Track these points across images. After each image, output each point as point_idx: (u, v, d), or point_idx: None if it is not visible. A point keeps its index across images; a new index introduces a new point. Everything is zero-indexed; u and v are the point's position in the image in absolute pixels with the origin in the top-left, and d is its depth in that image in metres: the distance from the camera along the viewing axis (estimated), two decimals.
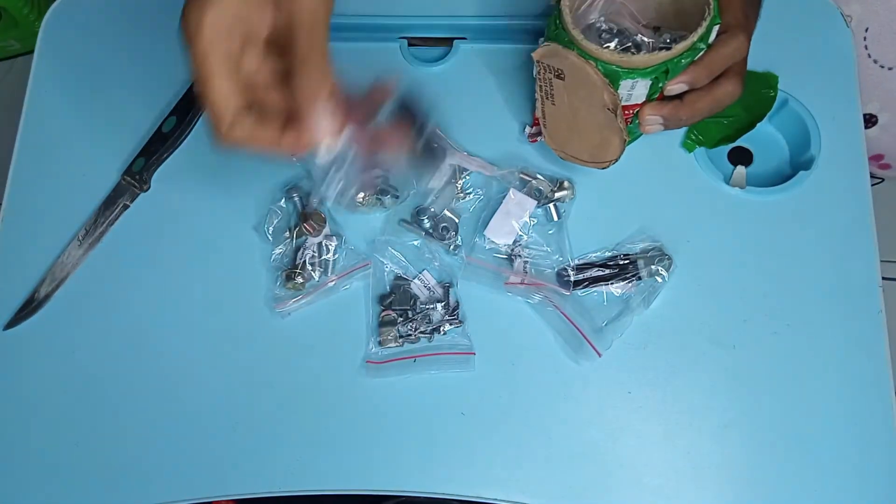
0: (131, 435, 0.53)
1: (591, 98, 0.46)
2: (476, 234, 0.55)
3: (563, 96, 0.49)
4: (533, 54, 0.47)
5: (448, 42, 0.62)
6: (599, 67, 0.44)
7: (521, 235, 0.55)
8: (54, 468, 0.52)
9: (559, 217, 0.55)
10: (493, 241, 0.54)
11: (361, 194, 0.54)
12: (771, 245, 0.55)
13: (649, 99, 0.47)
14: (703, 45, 0.44)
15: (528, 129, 0.58)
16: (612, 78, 0.45)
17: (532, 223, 0.55)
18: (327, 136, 0.39)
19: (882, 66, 0.67)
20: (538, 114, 0.52)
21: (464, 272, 0.55)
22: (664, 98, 0.47)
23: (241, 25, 0.38)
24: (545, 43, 0.46)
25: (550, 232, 0.55)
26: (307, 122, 0.39)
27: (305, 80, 0.39)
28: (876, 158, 0.76)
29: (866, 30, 0.66)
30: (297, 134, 0.39)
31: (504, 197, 0.55)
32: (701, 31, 0.43)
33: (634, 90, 0.46)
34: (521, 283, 0.53)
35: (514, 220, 0.54)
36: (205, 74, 0.37)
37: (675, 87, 0.46)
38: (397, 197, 0.56)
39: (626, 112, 0.47)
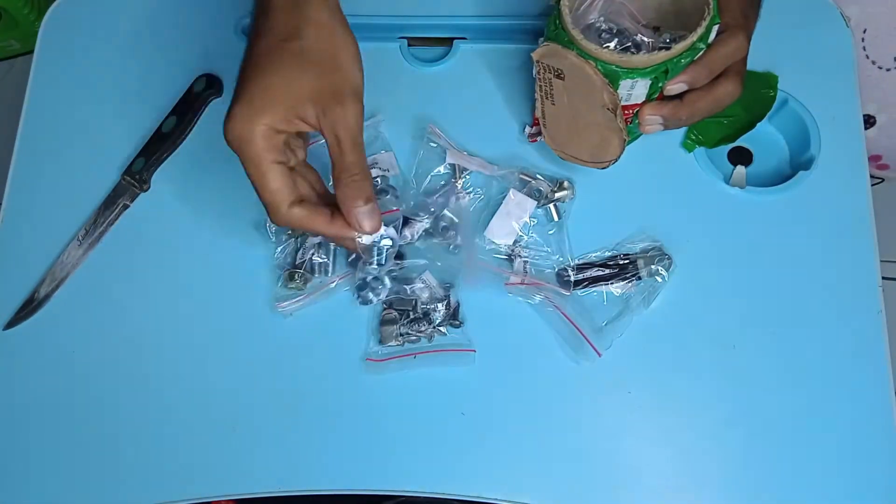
0: (131, 435, 0.53)
1: (591, 98, 0.46)
2: (476, 234, 0.55)
3: (562, 96, 0.49)
4: (533, 54, 0.47)
5: (448, 42, 0.62)
6: (599, 67, 0.44)
7: (521, 236, 0.55)
8: (54, 468, 0.52)
9: (559, 217, 0.55)
10: (493, 242, 0.54)
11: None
12: (771, 245, 0.55)
13: (649, 99, 0.47)
14: (702, 45, 0.45)
15: (528, 129, 0.58)
16: (612, 78, 0.45)
17: (532, 223, 0.55)
18: (367, 231, 0.45)
19: (880, 68, 0.67)
20: (538, 114, 0.52)
21: (464, 272, 0.55)
22: (664, 98, 0.47)
23: (282, 134, 0.43)
24: (545, 43, 0.46)
25: (550, 232, 0.55)
26: (351, 220, 0.45)
27: (347, 189, 0.44)
28: (874, 159, 0.76)
29: (864, 31, 0.66)
30: (342, 226, 0.45)
31: (504, 197, 0.55)
32: (701, 31, 0.43)
33: (634, 90, 0.46)
34: (522, 284, 0.53)
35: (514, 221, 0.55)
36: (259, 176, 0.43)
37: (674, 87, 0.46)
38: (397, 197, 0.56)
39: (626, 112, 0.48)
